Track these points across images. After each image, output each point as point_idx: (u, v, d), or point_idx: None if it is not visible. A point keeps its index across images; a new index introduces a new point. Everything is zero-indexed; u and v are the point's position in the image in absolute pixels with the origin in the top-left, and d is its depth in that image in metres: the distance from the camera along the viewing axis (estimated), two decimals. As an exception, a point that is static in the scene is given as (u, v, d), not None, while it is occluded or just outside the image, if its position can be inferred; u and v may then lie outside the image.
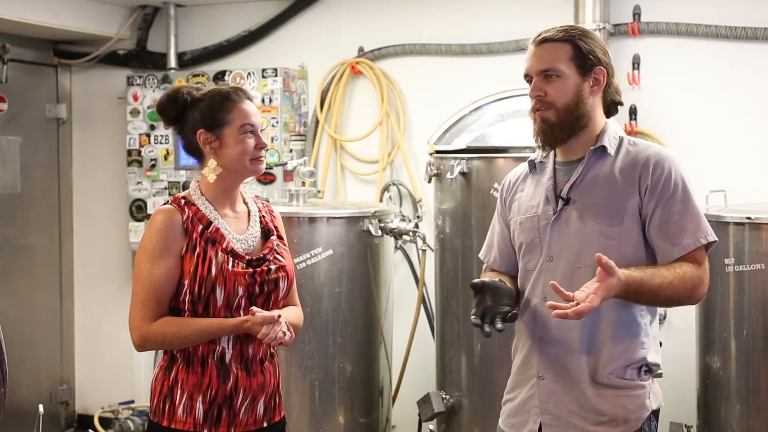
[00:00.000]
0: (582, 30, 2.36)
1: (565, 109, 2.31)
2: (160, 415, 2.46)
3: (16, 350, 4.24)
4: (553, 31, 2.33)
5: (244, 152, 2.47)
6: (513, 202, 2.49)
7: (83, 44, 5.43)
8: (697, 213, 2.29)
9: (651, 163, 2.28)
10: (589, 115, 2.33)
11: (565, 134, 2.33)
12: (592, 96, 2.34)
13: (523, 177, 2.50)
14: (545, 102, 2.32)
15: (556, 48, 2.32)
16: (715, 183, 3.77)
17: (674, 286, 2.20)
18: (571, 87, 2.31)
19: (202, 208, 2.48)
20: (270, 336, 2.37)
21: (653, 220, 2.26)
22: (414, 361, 4.61)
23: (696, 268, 2.25)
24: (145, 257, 2.42)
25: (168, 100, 2.51)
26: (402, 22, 4.84)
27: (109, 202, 5.54)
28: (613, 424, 2.28)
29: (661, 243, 2.27)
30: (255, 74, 4.88)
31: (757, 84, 4.18)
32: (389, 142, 4.87)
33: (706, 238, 2.28)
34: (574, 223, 2.30)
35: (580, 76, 2.31)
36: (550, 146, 2.37)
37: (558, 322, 2.28)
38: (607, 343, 2.28)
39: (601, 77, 2.33)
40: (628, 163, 2.30)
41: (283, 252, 2.58)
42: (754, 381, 3.40)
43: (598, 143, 2.33)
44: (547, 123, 2.32)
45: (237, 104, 2.48)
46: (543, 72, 2.32)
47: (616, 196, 2.28)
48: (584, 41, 2.32)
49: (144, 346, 2.44)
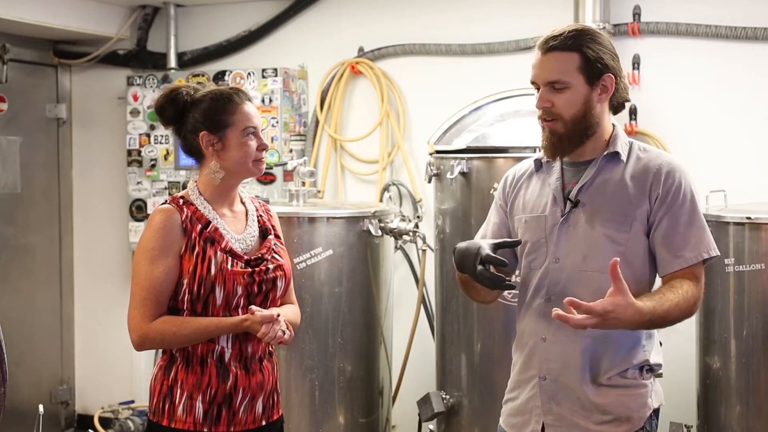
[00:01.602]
0: (590, 35, 2.31)
1: (572, 120, 2.28)
2: (160, 414, 2.46)
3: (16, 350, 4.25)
4: (561, 38, 2.28)
5: (247, 154, 2.48)
6: (516, 198, 2.47)
7: (83, 44, 5.43)
8: (702, 226, 2.29)
9: (663, 172, 2.27)
10: (598, 122, 2.32)
11: (573, 145, 2.32)
12: (600, 103, 2.32)
13: (528, 175, 2.48)
14: (552, 113, 2.29)
15: (564, 58, 2.28)
16: (715, 183, 3.77)
17: (680, 307, 2.22)
18: (579, 98, 2.28)
19: (200, 208, 2.48)
20: (269, 335, 2.38)
21: (659, 228, 2.26)
22: (414, 361, 4.61)
23: (695, 285, 2.26)
24: (144, 257, 2.42)
25: (166, 101, 2.51)
26: (402, 22, 4.84)
27: (109, 202, 5.54)
28: (616, 423, 2.28)
29: (664, 253, 2.27)
30: (255, 74, 4.88)
31: (757, 84, 4.18)
32: (389, 142, 4.87)
33: (708, 253, 2.28)
34: (582, 226, 2.30)
35: (588, 86, 2.28)
36: (557, 156, 2.36)
37: (561, 323, 2.29)
38: (609, 346, 2.29)
39: (609, 84, 2.30)
40: (640, 170, 2.30)
41: (280, 251, 2.58)
42: (754, 381, 3.40)
43: (610, 148, 2.32)
44: (556, 135, 2.30)
45: (239, 106, 2.49)
46: (550, 83, 2.29)
47: (626, 202, 2.28)
48: (592, 48, 2.28)
49: (143, 346, 2.45)
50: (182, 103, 2.50)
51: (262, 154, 2.51)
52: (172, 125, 2.55)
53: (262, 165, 2.52)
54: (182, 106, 2.50)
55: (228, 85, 2.57)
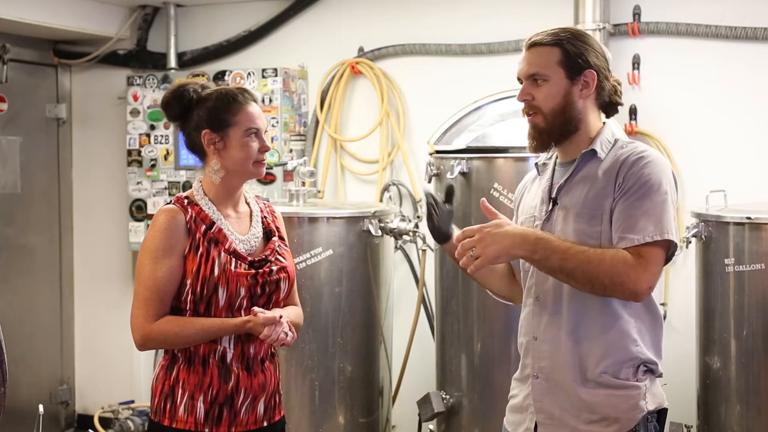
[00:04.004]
0: (573, 33, 2.35)
1: (552, 113, 2.31)
2: (161, 414, 2.46)
3: (16, 350, 4.25)
4: (543, 35, 2.34)
5: (248, 156, 2.48)
6: (520, 203, 2.53)
7: (83, 44, 5.43)
8: (658, 213, 2.21)
9: (630, 160, 2.26)
10: (580, 117, 2.33)
11: (553, 138, 2.34)
12: (582, 99, 2.33)
13: (533, 179, 2.53)
14: (533, 106, 2.33)
15: (545, 52, 2.32)
16: (715, 183, 3.77)
17: (589, 258, 2.15)
18: (559, 91, 2.31)
19: (204, 209, 2.48)
20: (272, 337, 2.38)
21: (614, 212, 2.24)
22: (414, 361, 4.61)
23: (633, 259, 2.17)
24: (148, 257, 2.42)
25: (173, 97, 2.51)
26: (402, 22, 4.85)
27: (109, 202, 5.54)
28: (604, 423, 2.27)
29: (613, 233, 2.23)
30: (255, 74, 4.88)
31: (757, 84, 4.18)
32: (389, 142, 4.87)
33: (654, 237, 2.18)
34: (560, 224, 2.31)
35: (569, 80, 2.31)
36: (539, 150, 2.39)
37: (548, 321, 2.31)
38: (594, 340, 2.28)
39: (590, 80, 2.32)
40: (612, 163, 2.30)
41: (284, 253, 2.59)
42: (754, 381, 3.40)
43: (590, 146, 2.33)
44: (536, 128, 2.34)
45: (244, 106, 2.49)
46: (531, 76, 2.33)
47: (595, 195, 2.28)
48: (573, 44, 2.32)
49: (146, 346, 2.45)
50: (188, 100, 2.50)
51: (263, 156, 2.51)
52: (176, 120, 2.55)
53: (262, 167, 2.52)
54: (188, 103, 2.51)
55: (236, 86, 2.57)
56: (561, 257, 2.17)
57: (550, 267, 2.21)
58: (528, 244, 2.19)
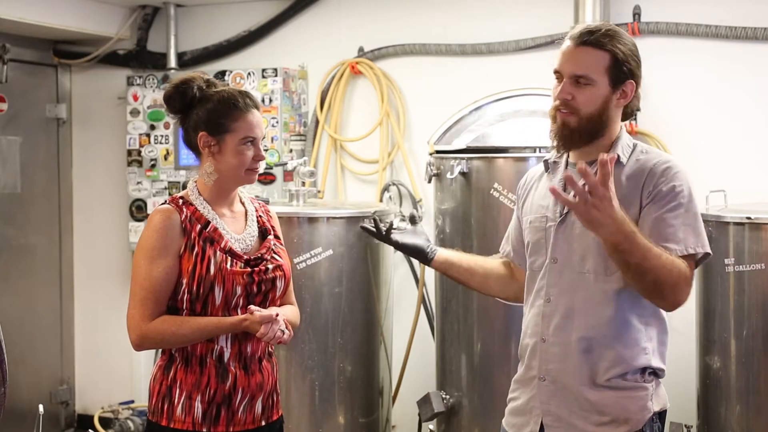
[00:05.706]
0: (624, 39, 2.33)
1: (588, 117, 2.29)
2: (159, 414, 2.46)
3: (16, 350, 4.24)
4: (597, 35, 2.29)
5: (242, 163, 2.47)
6: (525, 200, 2.50)
7: (83, 44, 5.43)
8: (694, 224, 2.25)
9: (658, 170, 2.26)
10: (609, 123, 2.33)
11: (583, 141, 2.32)
12: (617, 108, 2.34)
13: (539, 176, 2.50)
14: (570, 106, 2.30)
15: (596, 55, 2.29)
16: (715, 183, 3.76)
17: (663, 263, 2.14)
18: (599, 97, 2.29)
19: (200, 208, 2.48)
20: (269, 335, 2.38)
21: (648, 221, 2.23)
22: (414, 361, 4.61)
23: (688, 273, 2.20)
24: (144, 256, 2.42)
25: (176, 92, 2.50)
26: (402, 22, 4.84)
27: (109, 202, 5.54)
28: (614, 425, 2.28)
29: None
30: (255, 74, 4.88)
31: (758, 84, 4.18)
32: (389, 142, 4.87)
33: (696, 249, 2.23)
34: (578, 227, 2.28)
35: (611, 88, 2.30)
36: (565, 149, 2.37)
37: (559, 323, 2.30)
38: (606, 347, 2.28)
39: (629, 91, 2.32)
40: (636, 170, 2.29)
41: (280, 251, 2.58)
42: (754, 381, 3.40)
43: (612, 151, 2.31)
44: (568, 127, 2.31)
45: (244, 114, 2.47)
46: (576, 76, 2.29)
47: (619, 202, 2.28)
48: (623, 52, 2.30)
49: (142, 345, 2.45)
50: (190, 97, 2.49)
51: (256, 164, 2.50)
52: (177, 114, 2.54)
53: (254, 175, 2.51)
54: (190, 100, 2.49)
55: (239, 89, 2.53)
56: (642, 255, 2.12)
57: (627, 261, 2.14)
58: (622, 234, 2.09)
